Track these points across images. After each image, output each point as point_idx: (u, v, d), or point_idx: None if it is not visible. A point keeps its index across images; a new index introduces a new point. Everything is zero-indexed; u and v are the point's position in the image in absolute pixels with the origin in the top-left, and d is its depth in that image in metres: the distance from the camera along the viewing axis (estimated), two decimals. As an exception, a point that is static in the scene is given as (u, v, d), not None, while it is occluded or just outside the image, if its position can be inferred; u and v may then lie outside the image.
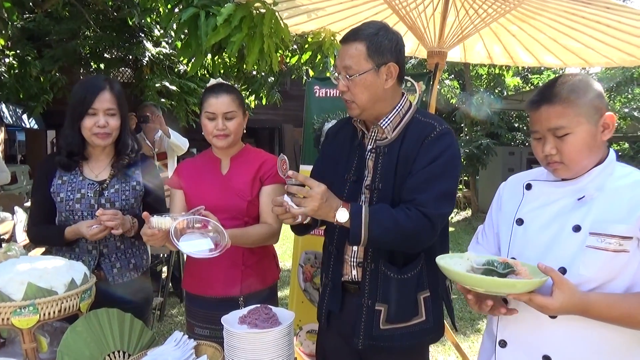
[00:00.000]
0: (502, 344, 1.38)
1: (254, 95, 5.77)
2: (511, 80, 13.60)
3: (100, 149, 1.96)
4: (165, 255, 4.26)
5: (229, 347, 1.45)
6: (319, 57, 3.85)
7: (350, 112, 1.62)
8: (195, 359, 1.48)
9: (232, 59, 3.69)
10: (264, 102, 5.95)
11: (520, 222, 1.39)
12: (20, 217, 4.19)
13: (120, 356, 1.54)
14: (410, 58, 9.10)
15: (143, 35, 5.47)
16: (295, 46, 4.28)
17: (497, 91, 12.72)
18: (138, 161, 2.02)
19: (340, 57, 1.58)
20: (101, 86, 1.89)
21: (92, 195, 1.91)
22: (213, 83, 1.98)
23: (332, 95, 2.74)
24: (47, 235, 1.98)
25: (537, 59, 3.48)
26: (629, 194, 1.24)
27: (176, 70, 5.65)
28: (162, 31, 5.24)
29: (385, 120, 1.60)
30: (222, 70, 4.10)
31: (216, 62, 3.75)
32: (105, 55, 5.78)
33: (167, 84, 5.27)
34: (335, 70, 1.61)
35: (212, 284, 1.92)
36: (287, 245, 5.91)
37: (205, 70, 5.37)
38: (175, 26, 2.38)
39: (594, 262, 1.23)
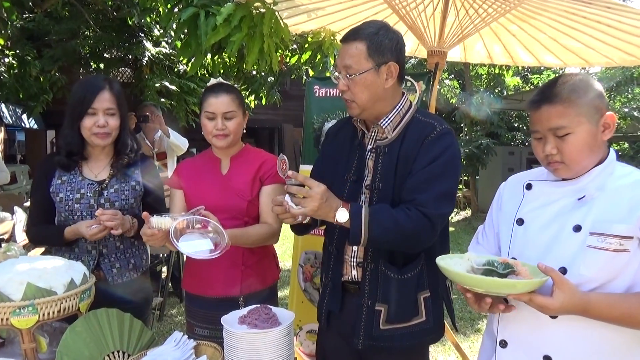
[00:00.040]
0: (503, 344, 1.38)
1: (253, 95, 5.77)
2: (511, 80, 13.61)
3: (99, 149, 1.95)
4: (165, 255, 4.26)
5: (228, 347, 1.45)
6: (318, 56, 3.85)
7: (351, 111, 1.61)
8: (195, 359, 1.47)
9: (231, 58, 3.69)
10: (263, 102, 5.94)
11: (520, 222, 1.39)
12: (20, 217, 4.17)
13: (119, 356, 1.54)
14: (410, 58, 9.09)
15: (143, 35, 5.46)
16: (295, 46, 4.28)
17: (497, 91, 12.72)
18: (137, 161, 2.02)
19: (341, 56, 1.57)
20: (101, 86, 1.88)
21: (91, 195, 1.90)
22: (213, 83, 1.98)
23: (332, 95, 2.74)
24: (46, 235, 1.98)
25: (537, 59, 3.48)
26: (629, 193, 1.24)
27: (176, 70, 5.65)
28: (162, 31, 5.23)
29: (386, 119, 1.59)
30: (221, 70, 4.09)
31: (216, 62, 3.74)
32: (105, 55, 5.78)
33: (166, 83, 5.26)
34: (336, 69, 1.61)
35: (212, 284, 1.92)
36: (287, 245, 5.91)
37: (205, 70, 5.37)
38: (175, 26, 2.38)
39: (595, 262, 1.22)
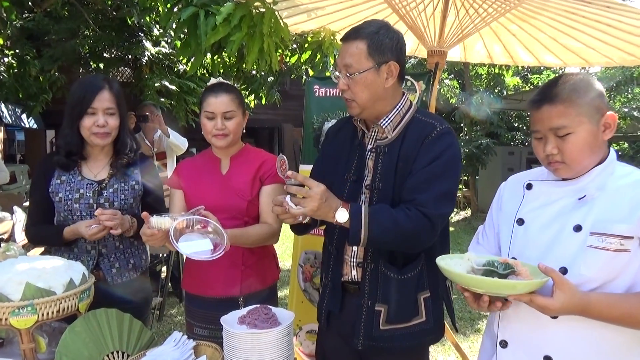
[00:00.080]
0: (503, 344, 1.38)
1: (253, 95, 5.76)
2: (511, 80, 13.61)
3: (99, 149, 1.95)
4: (165, 255, 4.25)
5: (228, 347, 1.45)
6: (318, 56, 3.85)
7: (350, 110, 1.61)
8: (194, 359, 1.47)
9: (231, 58, 3.69)
10: (263, 101, 5.94)
11: (520, 222, 1.39)
12: (20, 216, 4.17)
13: (119, 356, 1.54)
14: (410, 57, 9.09)
15: (142, 34, 5.45)
16: (294, 45, 4.27)
17: (496, 91, 12.72)
18: (137, 161, 2.01)
19: (341, 55, 1.57)
20: (100, 85, 1.88)
21: (90, 195, 1.90)
22: (213, 82, 1.98)
23: (331, 94, 2.73)
24: (45, 235, 1.97)
25: (537, 59, 3.48)
26: (629, 193, 1.24)
27: (175, 70, 5.64)
28: (162, 30, 5.22)
29: (386, 119, 1.59)
30: (221, 70, 4.08)
31: (215, 62, 3.73)
32: (105, 54, 5.76)
33: (166, 83, 5.25)
34: (336, 68, 1.60)
35: (212, 284, 1.92)
36: (287, 245, 5.90)
37: (204, 70, 5.35)
38: (175, 25, 2.37)
39: (595, 261, 1.22)
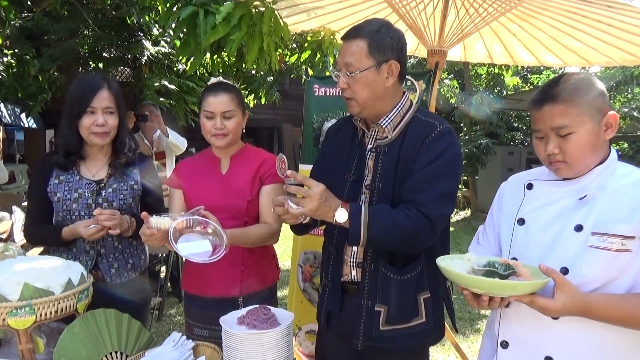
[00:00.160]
0: (504, 345, 1.37)
1: (253, 95, 5.75)
2: (510, 80, 13.62)
3: (97, 148, 1.94)
4: (164, 255, 4.24)
5: (227, 348, 1.44)
6: (318, 56, 3.84)
7: (350, 109, 1.60)
8: (193, 359, 1.46)
9: (231, 57, 3.68)
10: (263, 101, 5.93)
11: (521, 222, 1.38)
12: (19, 216, 4.16)
13: (117, 357, 1.53)
14: (410, 57, 9.09)
15: (142, 34, 5.44)
16: (294, 45, 4.26)
17: (496, 91, 12.73)
18: (136, 160, 2.01)
19: (341, 54, 1.56)
20: (99, 85, 1.87)
21: (89, 194, 1.89)
22: (213, 82, 1.97)
23: (331, 94, 2.73)
24: (44, 235, 1.96)
25: (538, 59, 3.47)
26: (631, 193, 1.24)
27: (175, 70, 5.63)
28: (161, 30, 5.21)
29: (386, 119, 1.58)
30: (221, 70, 4.08)
31: (215, 61, 3.73)
32: (104, 54, 5.75)
33: (166, 83, 5.24)
34: (336, 67, 1.60)
35: (212, 284, 1.91)
36: (286, 245, 5.90)
37: (204, 70, 5.35)
38: (174, 25, 2.36)
39: (596, 262, 1.22)
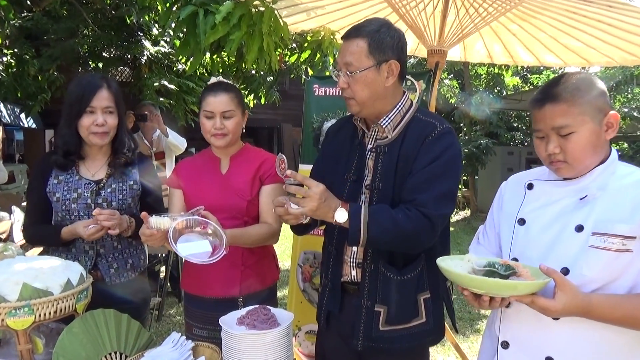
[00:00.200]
0: (505, 345, 1.37)
1: (252, 95, 5.74)
2: (510, 80, 13.63)
3: (97, 148, 1.94)
4: (164, 255, 4.24)
5: (227, 348, 1.44)
6: (318, 55, 3.84)
7: (350, 109, 1.60)
8: (193, 360, 1.46)
9: (230, 57, 3.67)
10: (262, 101, 5.92)
11: (522, 222, 1.38)
12: (18, 216, 4.16)
13: (117, 357, 1.52)
14: (410, 57, 9.09)
15: (141, 34, 5.43)
16: (294, 45, 4.26)
17: (496, 91, 12.74)
18: (135, 160, 2.00)
19: (341, 53, 1.56)
20: (99, 84, 1.87)
21: (88, 194, 1.89)
22: (213, 81, 1.97)
23: (331, 94, 2.72)
24: (43, 235, 1.96)
25: (538, 58, 3.47)
26: (631, 193, 1.23)
27: (175, 69, 5.62)
28: (161, 30, 5.21)
29: (386, 119, 1.58)
30: (220, 69, 4.07)
31: (215, 61, 3.72)
32: (104, 54, 5.74)
33: (165, 82, 5.23)
34: (336, 67, 1.59)
35: (211, 285, 1.91)
36: (286, 245, 5.89)
37: (203, 69, 5.34)
38: (174, 24, 2.35)
39: (597, 262, 1.21)
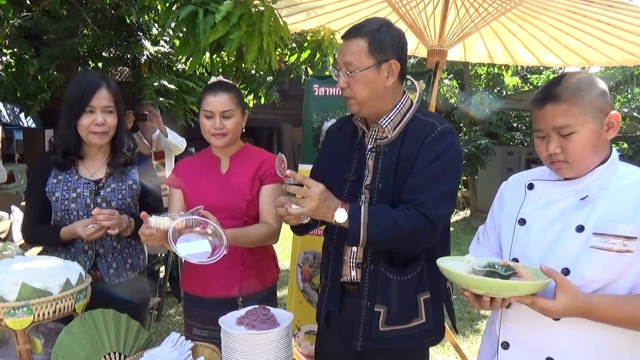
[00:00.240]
0: (505, 346, 1.36)
1: (252, 95, 5.74)
2: (510, 80, 13.62)
3: (96, 148, 1.93)
4: (163, 255, 4.24)
5: (226, 348, 1.43)
6: (318, 55, 3.83)
7: (350, 108, 1.60)
8: (192, 360, 1.46)
9: (230, 57, 3.67)
10: (262, 101, 5.92)
11: (522, 222, 1.38)
12: (17, 216, 4.16)
13: (116, 357, 1.52)
14: (410, 57, 9.09)
15: (141, 33, 5.43)
16: (294, 45, 4.25)
17: (496, 91, 12.73)
18: (135, 160, 2.00)
19: (342, 53, 1.56)
20: (98, 84, 1.86)
21: (88, 194, 1.88)
22: (213, 81, 1.96)
23: (331, 93, 2.72)
24: (42, 235, 1.96)
25: (538, 58, 3.47)
26: (632, 193, 1.23)
27: (174, 69, 5.62)
28: (160, 29, 5.21)
29: (386, 119, 1.57)
30: (220, 69, 4.07)
31: (215, 61, 3.72)
32: (103, 53, 5.74)
33: (165, 82, 5.23)
34: (336, 66, 1.59)
35: (211, 285, 1.90)
36: (286, 245, 5.89)
37: (203, 69, 5.34)
38: (174, 24, 2.35)
39: (598, 262, 1.21)
